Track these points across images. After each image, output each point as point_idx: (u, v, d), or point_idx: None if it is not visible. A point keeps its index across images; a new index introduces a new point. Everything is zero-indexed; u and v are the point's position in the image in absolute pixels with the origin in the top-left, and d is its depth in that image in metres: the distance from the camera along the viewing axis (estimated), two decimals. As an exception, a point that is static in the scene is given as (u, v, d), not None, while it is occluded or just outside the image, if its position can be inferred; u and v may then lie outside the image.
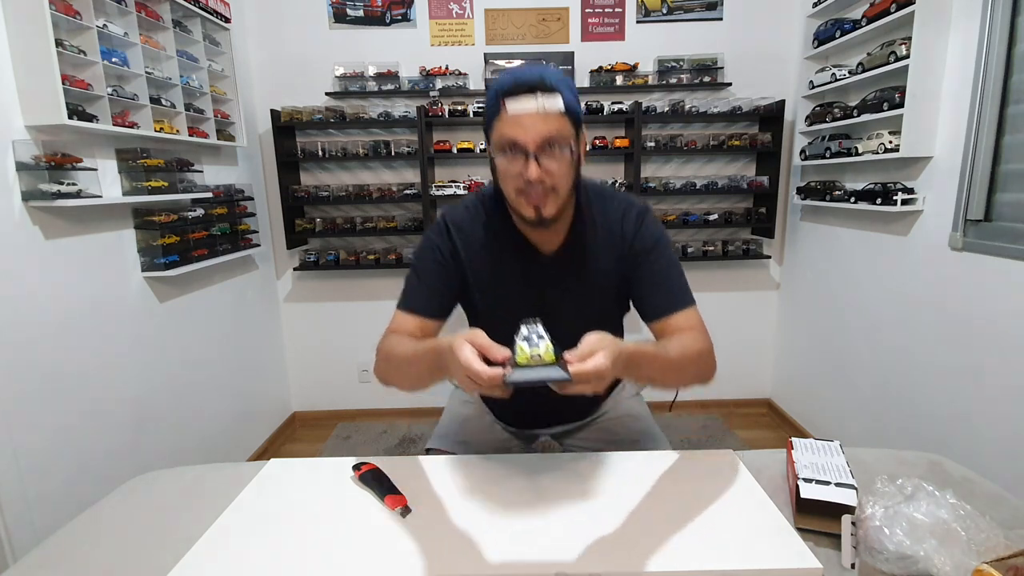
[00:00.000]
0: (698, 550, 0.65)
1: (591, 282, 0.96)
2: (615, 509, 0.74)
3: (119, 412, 1.72)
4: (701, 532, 0.69)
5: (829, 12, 2.27)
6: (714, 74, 2.57)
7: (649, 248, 0.93)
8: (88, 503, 0.84)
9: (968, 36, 1.64)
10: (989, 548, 0.55)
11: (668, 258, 0.94)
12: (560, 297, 0.95)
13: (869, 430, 2.15)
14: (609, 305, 1.00)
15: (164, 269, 1.83)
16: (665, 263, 0.93)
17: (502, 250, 0.95)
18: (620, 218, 0.94)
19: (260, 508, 0.77)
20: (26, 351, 1.41)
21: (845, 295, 2.30)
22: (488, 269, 0.96)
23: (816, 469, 0.77)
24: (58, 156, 1.46)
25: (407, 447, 2.65)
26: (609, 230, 0.94)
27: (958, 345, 1.70)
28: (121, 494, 0.87)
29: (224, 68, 2.22)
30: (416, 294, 0.96)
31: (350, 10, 2.57)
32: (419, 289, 0.96)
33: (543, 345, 0.66)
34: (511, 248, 0.95)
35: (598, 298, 0.98)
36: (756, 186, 2.59)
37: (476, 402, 1.19)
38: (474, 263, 0.96)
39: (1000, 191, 1.59)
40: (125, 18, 1.70)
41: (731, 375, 2.94)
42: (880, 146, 1.92)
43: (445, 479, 0.84)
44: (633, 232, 0.93)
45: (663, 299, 0.92)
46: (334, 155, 2.59)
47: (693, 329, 0.90)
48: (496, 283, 0.96)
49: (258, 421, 2.63)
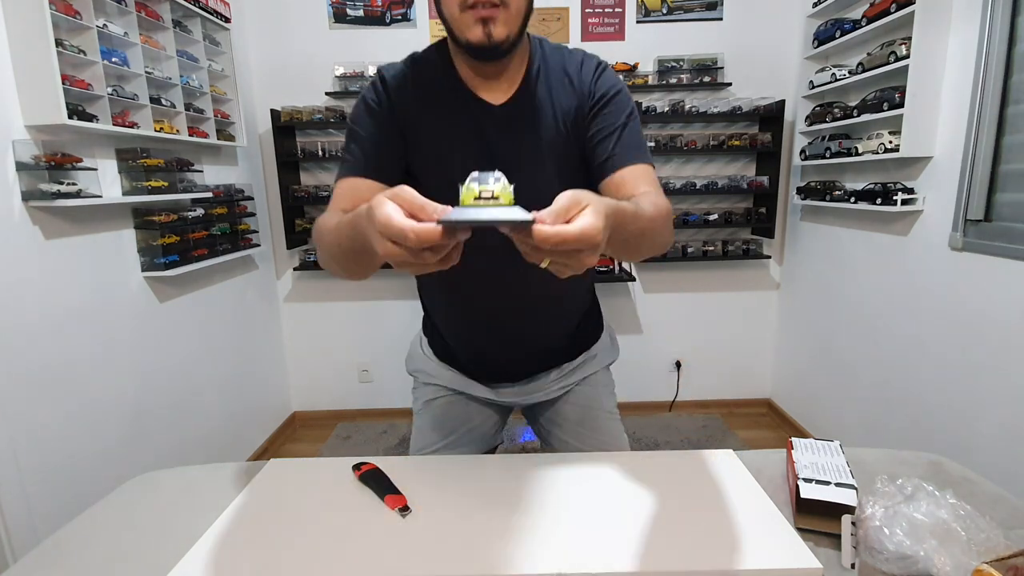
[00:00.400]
0: (698, 550, 0.65)
1: (547, 137, 0.85)
2: (615, 509, 0.74)
3: (119, 412, 1.72)
4: (701, 532, 0.68)
5: (829, 12, 2.27)
6: (714, 74, 2.57)
7: (609, 95, 0.85)
8: (88, 503, 0.84)
9: (968, 36, 1.64)
10: (989, 548, 0.55)
11: (629, 110, 0.85)
12: (514, 154, 0.85)
13: (869, 430, 2.15)
14: (570, 168, 0.88)
15: (164, 269, 1.83)
16: (625, 115, 0.85)
17: (445, 104, 0.85)
18: (579, 67, 0.86)
19: (260, 508, 0.77)
20: (26, 351, 1.41)
21: (845, 295, 2.30)
22: (430, 127, 0.85)
23: (816, 469, 0.77)
24: (58, 156, 1.46)
25: (407, 447, 2.64)
26: (566, 79, 0.86)
27: (958, 345, 1.70)
28: (121, 494, 0.87)
29: (224, 68, 2.23)
30: (353, 157, 0.84)
31: (350, 10, 2.57)
32: (356, 150, 0.84)
33: (498, 185, 0.50)
34: (455, 101, 0.84)
35: (557, 156, 0.87)
36: (756, 186, 2.59)
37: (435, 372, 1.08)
38: (413, 120, 0.84)
39: (1000, 191, 1.59)
40: (125, 18, 1.70)
41: (731, 375, 2.94)
42: (880, 146, 1.92)
43: (445, 479, 0.84)
44: (592, 79, 0.85)
45: (621, 149, 0.83)
46: (334, 155, 2.59)
47: (654, 187, 0.81)
48: (438, 142, 0.85)
49: (258, 421, 2.63)
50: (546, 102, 0.85)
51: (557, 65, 0.86)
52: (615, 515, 0.73)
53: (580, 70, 0.86)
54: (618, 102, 0.85)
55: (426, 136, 0.85)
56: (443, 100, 0.85)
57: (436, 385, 1.09)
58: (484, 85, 0.84)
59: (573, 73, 0.86)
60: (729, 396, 2.97)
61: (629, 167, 0.82)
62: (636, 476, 0.83)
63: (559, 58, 0.87)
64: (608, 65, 0.88)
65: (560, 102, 0.85)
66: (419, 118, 0.84)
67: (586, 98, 0.85)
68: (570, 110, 0.85)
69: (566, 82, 0.86)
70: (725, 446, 1.69)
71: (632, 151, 0.83)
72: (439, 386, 1.09)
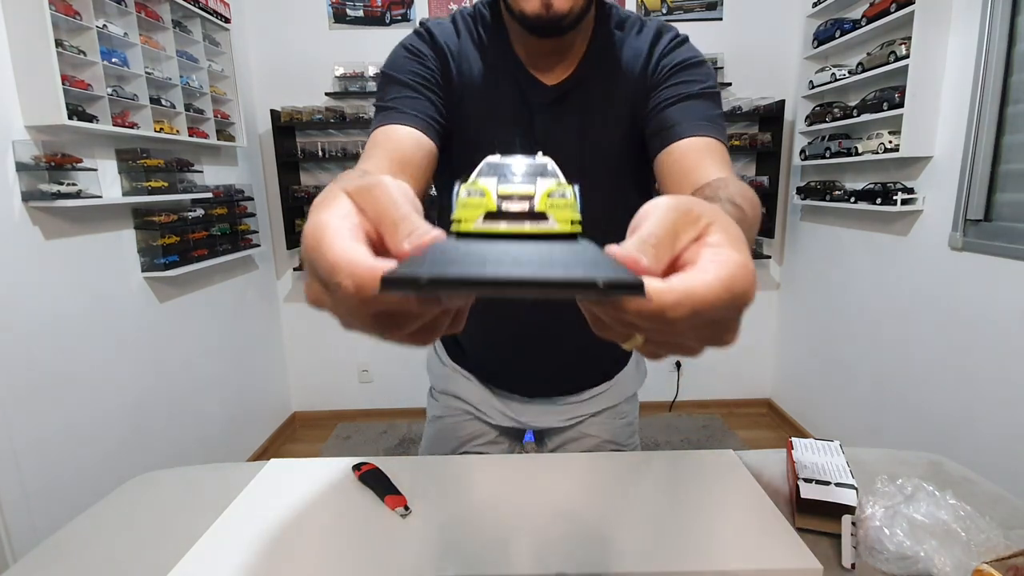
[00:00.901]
0: (698, 550, 0.65)
1: (610, 129, 0.72)
2: (615, 509, 0.74)
3: (119, 412, 1.72)
4: (701, 532, 0.68)
5: (829, 12, 2.27)
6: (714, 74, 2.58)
7: (684, 64, 0.69)
8: (88, 503, 0.84)
9: (968, 36, 1.64)
10: (989, 548, 0.55)
11: (709, 84, 0.68)
12: (567, 148, 0.71)
13: (869, 430, 2.15)
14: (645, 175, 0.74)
15: (164, 269, 1.83)
16: (701, 87, 0.68)
17: (495, 75, 0.72)
18: (652, 41, 0.71)
19: (260, 508, 0.77)
20: (26, 351, 1.41)
21: (845, 295, 2.30)
22: (472, 100, 0.71)
23: (816, 469, 0.77)
24: (58, 156, 1.46)
25: (407, 447, 2.65)
26: (636, 53, 0.71)
27: (958, 345, 1.70)
28: (121, 494, 0.87)
29: (224, 68, 2.23)
30: (390, 102, 0.68)
31: (350, 10, 2.57)
32: (393, 93, 0.68)
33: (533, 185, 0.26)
34: (504, 75, 0.72)
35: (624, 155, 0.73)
36: (756, 186, 2.59)
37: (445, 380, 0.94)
38: (456, 86, 0.71)
39: (1000, 191, 1.59)
40: (125, 18, 1.70)
41: (731, 375, 2.94)
42: (880, 146, 1.92)
43: (445, 479, 0.84)
44: (666, 50, 0.70)
45: (687, 116, 0.66)
46: (334, 155, 2.59)
47: (729, 171, 0.61)
48: (479, 122, 0.72)
49: (258, 421, 2.63)
50: (612, 85, 0.71)
51: (627, 40, 0.72)
52: (615, 515, 0.73)
53: (654, 45, 0.71)
54: (695, 72, 0.69)
55: (468, 109, 0.72)
56: (490, 71, 0.72)
57: (447, 396, 0.98)
58: (539, 62, 0.71)
59: (644, 49, 0.71)
60: (729, 396, 2.97)
61: (694, 138, 0.64)
62: (636, 476, 0.83)
63: (631, 30, 0.73)
64: (687, 38, 0.73)
65: (628, 86, 0.71)
66: (462, 86, 0.72)
67: (656, 68, 0.70)
68: (640, 96, 0.71)
69: (637, 61, 0.71)
70: (725, 446, 1.69)
71: (703, 121, 0.65)
72: (449, 400, 0.98)
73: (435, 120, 0.68)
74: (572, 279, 0.19)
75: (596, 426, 0.99)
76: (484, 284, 0.19)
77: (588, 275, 0.19)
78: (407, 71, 0.69)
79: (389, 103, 0.68)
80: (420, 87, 0.69)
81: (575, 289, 0.20)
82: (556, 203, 0.25)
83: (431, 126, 0.67)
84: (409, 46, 0.71)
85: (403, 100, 0.68)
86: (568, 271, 0.19)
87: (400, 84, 0.69)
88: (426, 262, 0.21)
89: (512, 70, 0.71)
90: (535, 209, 0.25)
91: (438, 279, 0.19)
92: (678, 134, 0.65)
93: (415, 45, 0.71)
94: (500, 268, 0.20)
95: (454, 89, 0.71)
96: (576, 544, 0.67)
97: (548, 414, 0.97)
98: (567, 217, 0.25)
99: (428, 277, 0.19)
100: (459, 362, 0.97)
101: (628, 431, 1.02)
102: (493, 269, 0.20)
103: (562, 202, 0.25)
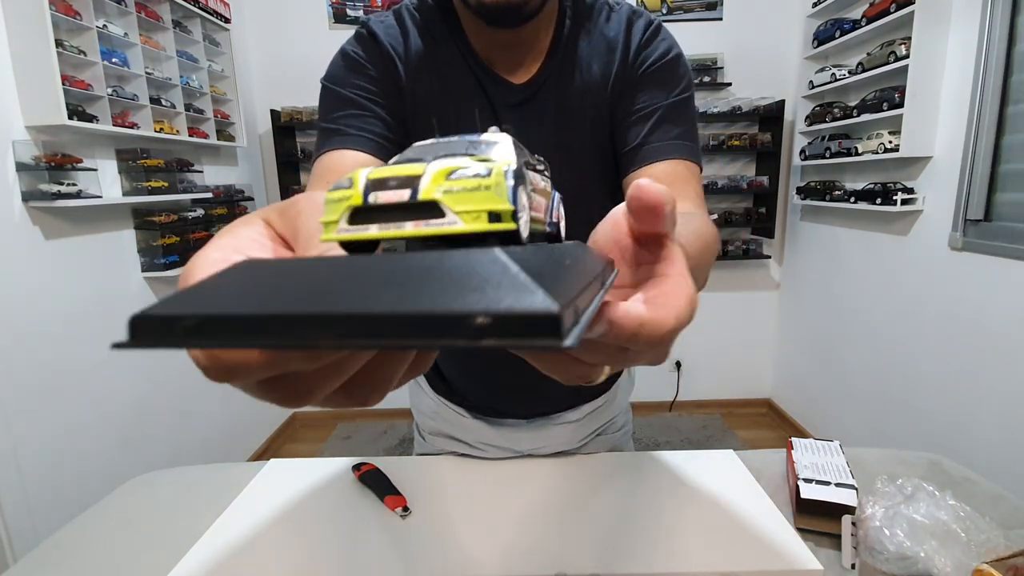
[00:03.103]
0: (698, 550, 0.65)
1: (583, 128, 0.66)
2: (615, 509, 0.74)
3: (119, 412, 1.72)
4: (701, 532, 0.68)
5: (829, 12, 2.27)
6: (714, 74, 2.57)
7: (657, 62, 0.64)
8: (88, 503, 0.84)
9: (968, 36, 1.64)
10: (989, 548, 0.55)
11: (682, 86, 0.65)
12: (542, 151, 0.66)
13: (869, 430, 2.15)
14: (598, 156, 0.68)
15: (164, 269, 1.83)
16: (674, 90, 0.64)
17: (452, 76, 0.65)
18: (625, 26, 0.66)
19: (260, 508, 0.77)
20: (26, 351, 1.41)
21: (845, 295, 2.30)
22: (434, 103, 0.65)
23: (816, 469, 0.77)
24: (58, 156, 1.46)
25: (407, 447, 2.65)
26: (607, 43, 0.66)
27: (958, 345, 1.70)
28: (121, 494, 0.87)
29: (224, 68, 2.23)
30: (333, 124, 0.62)
31: (350, 10, 2.57)
32: (337, 116, 0.63)
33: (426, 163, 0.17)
34: (463, 76, 0.65)
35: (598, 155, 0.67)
36: (756, 186, 2.59)
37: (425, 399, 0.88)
38: (413, 92, 0.65)
39: (1000, 191, 1.59)
40: (125, 18, 1.70)
41: (731, 375, 2.94)
42: (880, 146, 1.92)
43: (445, 479, 0.84)
44: (641, 42, 0.65)
45: (659, 135, 0.62)
46: (334, 155, 2.59)
47: (698, 202, 0.61)
48: (445, 126, 0.65)
49: (258, 421, 2.63)
50: (582, 79, 0.66)
51: (596, 27, 0.67)
52: (615, 515, 0.73)
53: (625, 33, 0.66)
54: (667, 71, 0.65)
55: (423, 118, 0.65)
56: (446, 72, 0.65)
57: (435, 437, 0.91)
58: (501, 58, 0.65)
59: (618, 37, 0.66)
60: (729, 396, 2.97)
61: (667, 162, 0.61)
62: (636, 476, 0.83)
63: (599, 17, 0.67)
64: (662, 25, 0.68)
65: (602, 81, 0.66)
66: (414, 92, 0.65)
67: (630, 62, 0.65)
68: (613, 88, 0.66)
69: (612, 53, 0.66)
70: (725, 446, 1.69)
71: (675, 140, 0.62)
72: (437, 440, 0.91)
73: (385, 138, 0.63)
74: (421, 313, 0.11)
75: (596, 445, 0.95)
76: (266, 329, 0.13)
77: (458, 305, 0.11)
78: (349, 84, 0.64)
79: (332, 124, 0.63)
80: (365, 102, 0.63)
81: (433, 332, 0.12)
82: (460, 185, 0.16)
83: (382, 146, 0.62)
84: (350, 53, 0.65)
85: (347, 120, 0.62)
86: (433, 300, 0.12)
87: (343, 100, 0.63)
88: (220, 291, 0.14)
89: (472, 69, 0.65)
90: (419, 198, 0.16)
91: (196, 320, 0.13)
92: (649, 156, 0.62)
93: (356, 53, 0.65)
94: (314, 299, 0.12)
95: (405, 97, 0.65)
96: (576, 544, 0.67)
97: (548, 438, 0.90)
98: (480, 207, 0.16)
99: (189, 318, 0.13)
100: (444, 396, 0.89)
101: (625, 439, 1.00)
102: (289, 302, 0.12)
103: (473, 183, 0.16)
